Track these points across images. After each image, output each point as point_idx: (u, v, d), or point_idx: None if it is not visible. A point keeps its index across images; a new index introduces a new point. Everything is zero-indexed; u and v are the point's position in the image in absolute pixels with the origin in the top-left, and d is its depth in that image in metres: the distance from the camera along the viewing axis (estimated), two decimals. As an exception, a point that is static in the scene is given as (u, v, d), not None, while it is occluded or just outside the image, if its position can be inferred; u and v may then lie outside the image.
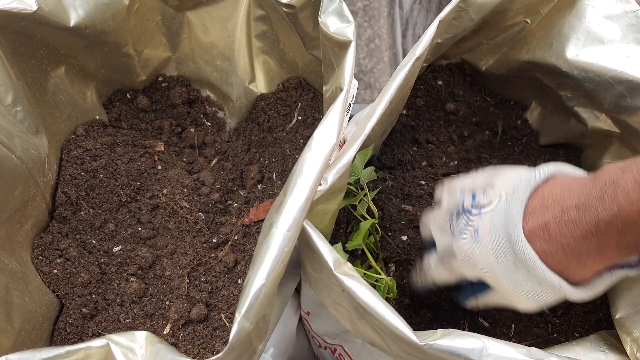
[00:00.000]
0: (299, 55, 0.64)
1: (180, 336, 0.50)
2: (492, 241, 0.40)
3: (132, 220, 0.58)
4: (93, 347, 0.36)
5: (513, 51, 0.63)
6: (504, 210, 0.40)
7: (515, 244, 0.38)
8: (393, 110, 0.55)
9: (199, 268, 0.55)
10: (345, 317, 0.45)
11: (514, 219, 0.38)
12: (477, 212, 0.42)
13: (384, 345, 0.42)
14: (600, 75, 0.55)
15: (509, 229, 0.39)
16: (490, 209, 0.41)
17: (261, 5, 0.61)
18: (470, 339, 0.36)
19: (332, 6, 0.49)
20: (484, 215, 0.41)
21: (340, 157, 0.43)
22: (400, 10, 1.18)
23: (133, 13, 0.57)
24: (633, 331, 0.46)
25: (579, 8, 0.57)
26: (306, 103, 0.64)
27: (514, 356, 0.36)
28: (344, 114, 0.42)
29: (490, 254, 0.40)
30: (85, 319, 0.52)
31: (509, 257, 0.39)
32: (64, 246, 0.53)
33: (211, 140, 0.67)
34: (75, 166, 0.57)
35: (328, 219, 0.47)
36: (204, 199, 0.60)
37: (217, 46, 0.65)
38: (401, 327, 0.37)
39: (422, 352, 0.37)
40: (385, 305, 0.38)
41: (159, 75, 0.67)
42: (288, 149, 0.61)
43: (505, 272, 0.40)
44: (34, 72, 0.53)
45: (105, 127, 0.62)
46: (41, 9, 0.49)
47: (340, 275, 0.40)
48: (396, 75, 0.48)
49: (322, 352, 0.63)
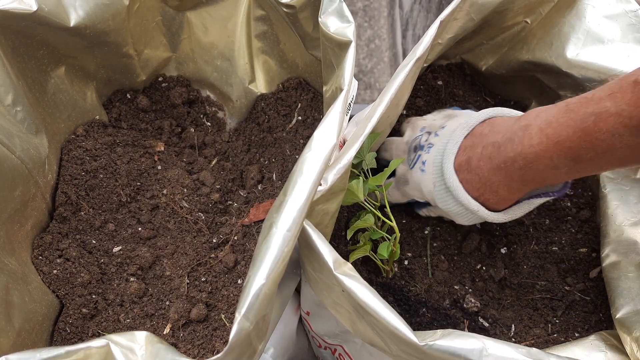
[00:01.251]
0: (299, 56, 0.64)
1: (180, 336, 0.50)
2: (432, 172, 0.50)
3: (132, 220, 0.58)
4: (93, 347, 0.36)
5: (513, 51, 0.63)
6: (443, 147, 0.49)
7: (444, 174, 0.48)
8: (393, 110, 0.55)
9: (199, 268, 0.55)
10: (345, 317, 0.45)
11: (447, 155, 0.48)
12: (428, 148, 0.52)
13: (384, 345, 0.42)
14: (600, 75, 0.55)
15: (443, 162, 0.49)
16: (435, 147, 0.50)
17: (261, 6, 0.61)
18: (470, 339, 0.36)
19: (332, 6, 0.49)
20: (431, 151, 0.51)
21: (340, 158, 0.43)
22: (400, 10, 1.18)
23: (133, 13, 0.57)
24: (633, 331, 0.46)
25: (579, 8, 0.57)
26: (306, 103, 0.64)
27: (513, 356, 0.36)
28: (344, 114, 0.42)
29: (430, 182, 0.50)
30: (85, 319, 0.52)
31: (442, 185, 0.49)
32: (64, 246, 0.53)
33: (211, 140, 0.67)
34: (75, 166, 0.57)
35: (328, 219, 0.47)
36: (204, 199, 0.60)
37: (217, 46, 0.65)
38: (401, 328, 0.37)
39: (422, 352, 0.37)
40: (385, 306, 0.38)
41: (159, 75, 0.67)
42: (288, 149, 0.61)
43: (439, 197, 0.50)
44: (34, 72, 0.53)
45: (105, 127, 0.62)
46: (41, 9, 0.49)
47: (340, 275, 0.40)
48: (397, 76, 0.47)
49: (322, 352, 0.63)
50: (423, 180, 0.51)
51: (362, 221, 0.50)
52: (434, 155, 0.50)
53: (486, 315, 0.55)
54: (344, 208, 0.56)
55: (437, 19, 0.50)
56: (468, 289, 0.57)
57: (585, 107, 0.39)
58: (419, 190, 0.53)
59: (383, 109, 0.46)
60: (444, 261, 0.58)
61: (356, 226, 0.50)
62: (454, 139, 0.49)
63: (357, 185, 0.49)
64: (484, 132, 0.47)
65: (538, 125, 0.42)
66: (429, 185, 0.51)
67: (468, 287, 0.57)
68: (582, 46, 0.56)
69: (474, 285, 0.57)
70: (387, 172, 0.50)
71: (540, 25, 0.59)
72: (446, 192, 0.49)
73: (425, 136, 0.53)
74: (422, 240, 0.59)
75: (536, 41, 0.60)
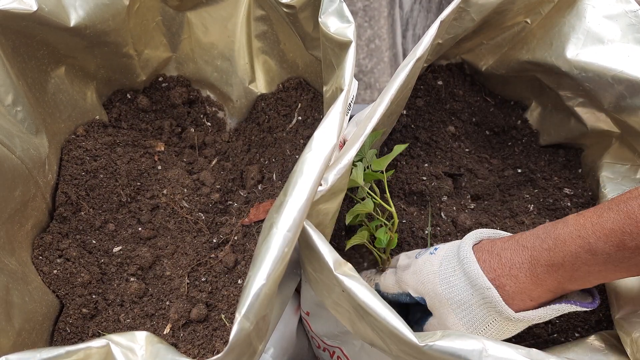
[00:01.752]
0: (299, 56, 0.64)
1: (181, 336, 0.50)
2: (444, 255, 0.46)
3: (132, 220, 0.58)
4: (93, 347, 0.36)
5: (513, 51, 0.63)
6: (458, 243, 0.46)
7: (460, 250, 0.45)
8: (394, 110, 0.55)
9: (199, 268, 0.55)
10: (345, 317, 0.45)
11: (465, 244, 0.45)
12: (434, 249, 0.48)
13: (384, 345, 0.42)
14: (600, 75, 0.55)
15: (460, 245, 0.45)
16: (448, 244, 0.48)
17: (261, 6, 0.61)
18: (470, 340, 0.36)
19: (332, 6, 0.49)
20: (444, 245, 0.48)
21: (340, 158, 0.43)
22: (401, 10, 1.18)
23: (133, 13, 0.57)
24: (633, 332, 0.46)
25: (579, 8, 0.57)
26: (306, 103, 0.64)
27: (513, 357, 0.36)
28: (344, 114, 0.42)
29: (436, 262, 0.46)
30: (86, 319, 0.52)
31: (452, 260, 0.45)
32: (64, 246, 0.53)
33: (211, 140, 0.67)
34: (76, 166, 0.57)
35: (328, 219, 0.47)
36: (204, 199, 0.60)
37: (217, 46, 0.65)
38: (401, 328, 0.37)
39: (422, 352, 0.37)
40: (385, 306, 0.38)
41: (159, 75, 0.67)
42: (288, 149, 0.61)
43: (443, 277, 0.45)
44: (34, 72, 0.53)
45: (105, 127, 0.62)
46: (41, 9, 0.49)
47: (341, 275, 0.40)
48: (397, 76, 0.47)
49: (321, 353, 0.63)
50: (428, 261, 0.47)
51: (362, 205, 0.50)
52: (448, 247, 0.47)
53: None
54: (343, 207, 0.56)
55: (437, 19, 0.50)
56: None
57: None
58: (417, 275, 0.47)
59: (383, 108, 0.46)
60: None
61: (355, 210, 0.50)
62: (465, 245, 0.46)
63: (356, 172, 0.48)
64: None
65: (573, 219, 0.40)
66: (433, 266, 0.46)
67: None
68: (582, 46, 0.56)
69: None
70: (389, 158, 0.50)
71: (541, 25, 0.59)
72: (454, 271, 0.44)
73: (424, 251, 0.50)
74: (422, 240, 0.59)
75: (536, 41, 0.60)
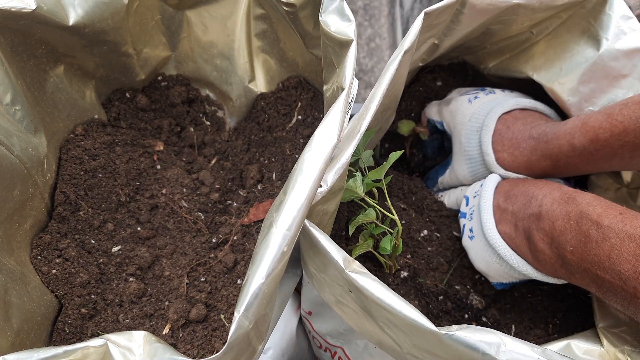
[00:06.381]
0: (299, 54, 0.63)
1: (180, 336, 0.50)
2: (475, 111, 0.58)
3: (131, 220, 0.58)
4: (91, 346, 0.35)
5: (515, 61, 0.62)
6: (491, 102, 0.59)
7: (488, 115, 0.57)
8: (387, 106, 0.55)
9: (199, 268, 0.55)
10: (350, 316, 0.45)
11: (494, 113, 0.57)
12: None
13: (394, 344, 0.41)
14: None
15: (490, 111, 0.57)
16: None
17: (261, 4, 0.61)
18: (488, 334, 0.36)
19: (332, 5, 0.49)
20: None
21: (337, 157, 0.43)
22: (401, 9, 1.17)
23: (132, 12, 0.57)
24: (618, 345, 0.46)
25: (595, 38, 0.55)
26: (306, 102, 0.64)
27: (529, 354, 0.35)
28: (345, 114, 0.42)
29: (468, 114, 0.59)
30: (84, 319, 0.51)
31: (478, 120, 0.58)
32: (63, 246, 0.53)
33: (211, 139, 0.66)
34: (74, 166, 0.57)
35: (327, 219, 0.47)
36: (203, 199, 0.60)
37: (216, 45, 0.65)
38: (419, 319, 0.36)
39: (441, 341, 0.36)
40: (400, 299, 0.37)
41: (159, 74, 0.67)
42: (288, 149, 0.61)
43: (467, 131, 0.58)
44: (32, 71, 0.53)
45: (104, 126, 0.62)
46: (40, 8, 0.49)
47: (352, 273, 0.39)
48: (387, 70, 0.47)
49: (322, 353, 0.62)
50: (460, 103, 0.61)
51: (364, 215, 0.50)
52: (485, 101, 0.59)
53: (487, 314, 0.55)
54: (343, 207, 0.56)
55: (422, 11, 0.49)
56: (470, 289, 0.57)
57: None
58: (452, 113, 0.62)
59: (376, 105, 0.45)
60: (444, 264, 0.58)
61: (358, 221, 0.50)
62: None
63: (355, 183, 0.48)
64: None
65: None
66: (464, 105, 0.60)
67: (469, 287, 0.57)
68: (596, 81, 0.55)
69: (475, 287, 0.57)
70: (385, 167, 0.50)
71: (548, 43, 0.58)
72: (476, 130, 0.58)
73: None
74: (418, 243, 0.59)
75: (544, 60, 0.59)
